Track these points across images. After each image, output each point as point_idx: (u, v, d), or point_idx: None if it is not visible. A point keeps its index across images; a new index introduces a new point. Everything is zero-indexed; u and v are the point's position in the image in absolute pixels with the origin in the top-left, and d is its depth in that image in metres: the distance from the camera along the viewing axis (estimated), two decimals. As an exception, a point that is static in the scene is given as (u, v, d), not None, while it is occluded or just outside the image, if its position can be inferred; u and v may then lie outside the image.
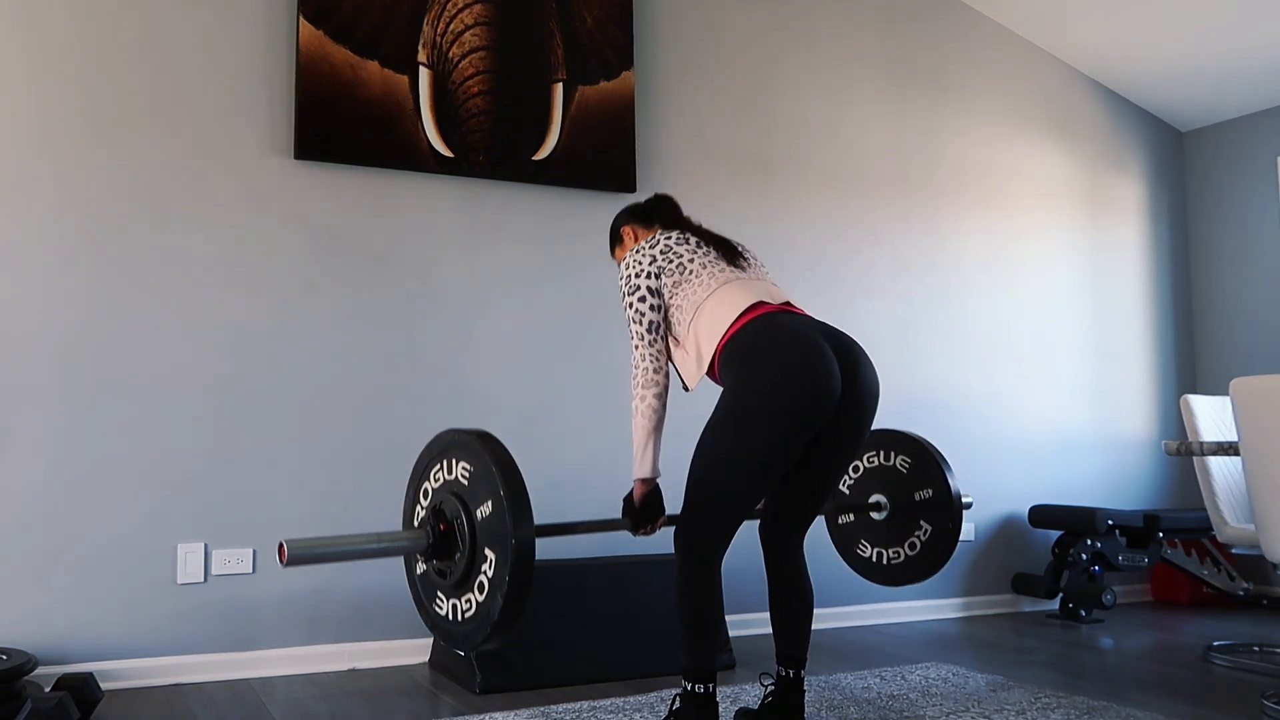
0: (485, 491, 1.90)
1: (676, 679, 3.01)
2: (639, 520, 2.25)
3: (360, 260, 3.30)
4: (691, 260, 2.28)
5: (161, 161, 3.08)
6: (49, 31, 2.98)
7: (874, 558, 2.83)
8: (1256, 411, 2.73)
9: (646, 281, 2.26)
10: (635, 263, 2.29)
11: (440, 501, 2.02)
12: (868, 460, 2.86)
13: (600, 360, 3.62)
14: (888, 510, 2.79)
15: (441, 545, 1.99)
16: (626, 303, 2.27)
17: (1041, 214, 4.58)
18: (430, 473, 2.09)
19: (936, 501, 2.69)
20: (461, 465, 1.98)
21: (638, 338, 2.24)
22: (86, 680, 2.52)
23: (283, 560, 1.82)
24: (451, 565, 1.98)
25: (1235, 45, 4.29)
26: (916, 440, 2.75)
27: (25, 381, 2.89)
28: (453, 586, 1.99)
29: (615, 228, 2.53)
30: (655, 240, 2.32)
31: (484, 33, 3.47)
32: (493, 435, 1.97)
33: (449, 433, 2.03)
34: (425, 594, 2.10)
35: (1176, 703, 2.71)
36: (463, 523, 1.94)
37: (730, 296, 2.20)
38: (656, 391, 2.20)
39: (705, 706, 2.13)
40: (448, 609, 2.02)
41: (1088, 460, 4.58)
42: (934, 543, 2.70)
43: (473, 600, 1.94)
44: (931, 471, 2.70)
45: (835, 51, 4.17)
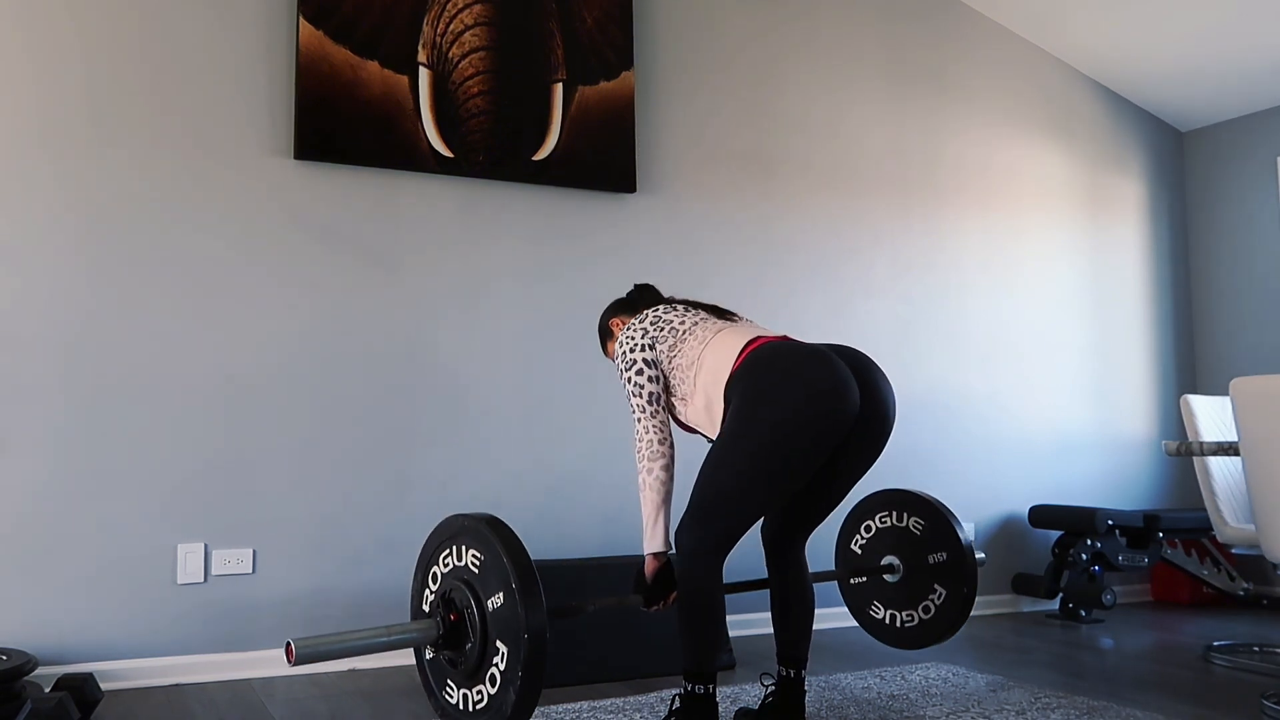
0: (496, 582, 1.89)
1: (676, 679, 3.01)
2: (652, 595, 2.25)
3: (360, 260, 3.30)
4: (683, 323, 2.29)
5: (161, 162, 3.08)
6: (49, 31, 2.98)
7: (887, 620, 2.84)
8: (1256, 411, 2.73)
9: (642, 354, 2.26)
10: (628, 339, 2.30)
11: (449, 589, 2.00)
12: (880, 520, 2.86)
13: (600, 360, 3.62)
14: (901, 573, 2.79)
15: (452, 635, 1.98)
16: (625, 379, 2.27)
17: (1041, 214, 4.58)
18: (439, 558, 2.07)
19: (951, 565, 2.69)
20: (471, 553, 1.97)
21: (639, 410, 2.24)
22: (86, 680, 2.51)
23: (290, 660, 1.80)
24: (462, 655, 1.97)
25: (1235, 45, 4.29)
26: (929, 501, 2.75)
27: (26, 382, 2.89)
28: (464, 676, 1.98)
29: (603, 324, 2.54)
30: (644, 315, 2.34)
31: (484, 33, 3.47)
32: (502, 521, 1.96)
33: (458, 518, 2.02)
34: (435, 681, 2.09)
35: (1176, 703, 2.71)
36: (473, 613, 1.93)
37: (729, 339, 2.21)
38: (663, 464, 2.20)
39: (705, 707, 2.13)
40: (458, 698, 2.01)
41: (1088, 460, 4.58)
42: (948, 607, 2.70)
43: (484, 692, 1.92)
44: (945, 534, 2.70)
45: (835, 51, 4.17)
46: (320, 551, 3.17)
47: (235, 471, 3.09)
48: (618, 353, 2.31)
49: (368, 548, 3.23)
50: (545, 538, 3.47)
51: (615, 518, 3.59)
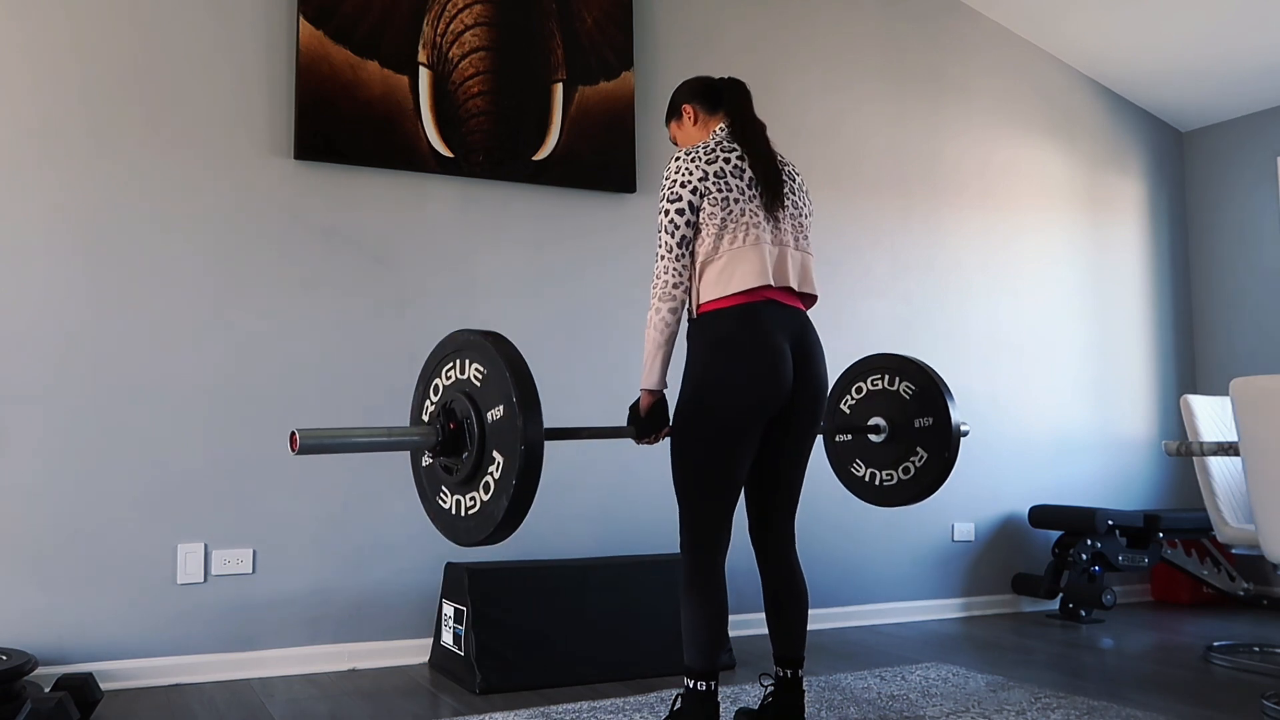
0: (497, 395, 1.92)
1: (676, 679, 3.01)
2: (644, 429, 2.26)
3: (360, 260, 3.30)
4: (738, 200, 2.20)
5: (161, 162, 3.08)
6: (47, 32, 2.98)
7: (867, 477, 2.84)
8: (1256, 411, 2.73)
9: (690, 196, 2.19)
10: (686, 170, 2.20)
11: (450, 400, 2.04)
12: (871, 383, 2.86)
13: (601, 360, 3.62)
14: (886, 433, 2.80)
15: (450, 443, 2.02)
16: (663, 207, 2.20)
17: (1041, 214, 4.58)
18: (442, 370, 2.11)
19: (935, 429, 2.69)
20: (475, 366, 2.00)
21: (665, 248, 2.19)
22: (86, 680, 2.51)
23: (294, 448, 1.84)
24: (458, 463, 2.01)
25: (1235, 45, 4.29)
26: (923, 368, 2.74)
27: (26, 382, 2.89)
28: (458, 483, 2.02)
29: (677, 101, 2.41)
30: (714, 153, 2.23)
31: (484, 33, 3.47)
32: (506, 338, 1.98)
33: (463, 333, 2.05)
34: (430, 486, 2.13)
35: (1176, 703, 2.71)
36: (473, 423, 1.97)
37: (745, 263, 2.19)
38: (672, 306, 2.19)
39: (706, 705, 2.13)
40: (451, 503, 2.05)
41: (1088, 460, 4.58)
42: (928, 469, 2.71)
43: (477, 499, 1.96)
44: (934, 400, 2.70)
45: (835, 52, 4.17)
46: (320, 551, 3.17)
47: (235, 471, 3.09)
48: (669, 174, 2.22)
49: (368, 548, 3.23)
50: (545, 537, 3.47)
51: (614, 517, 3.59)
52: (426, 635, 3.27)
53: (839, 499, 3.91)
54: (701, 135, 2.37)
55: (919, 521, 4.15)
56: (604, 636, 3.06)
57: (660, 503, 3.63)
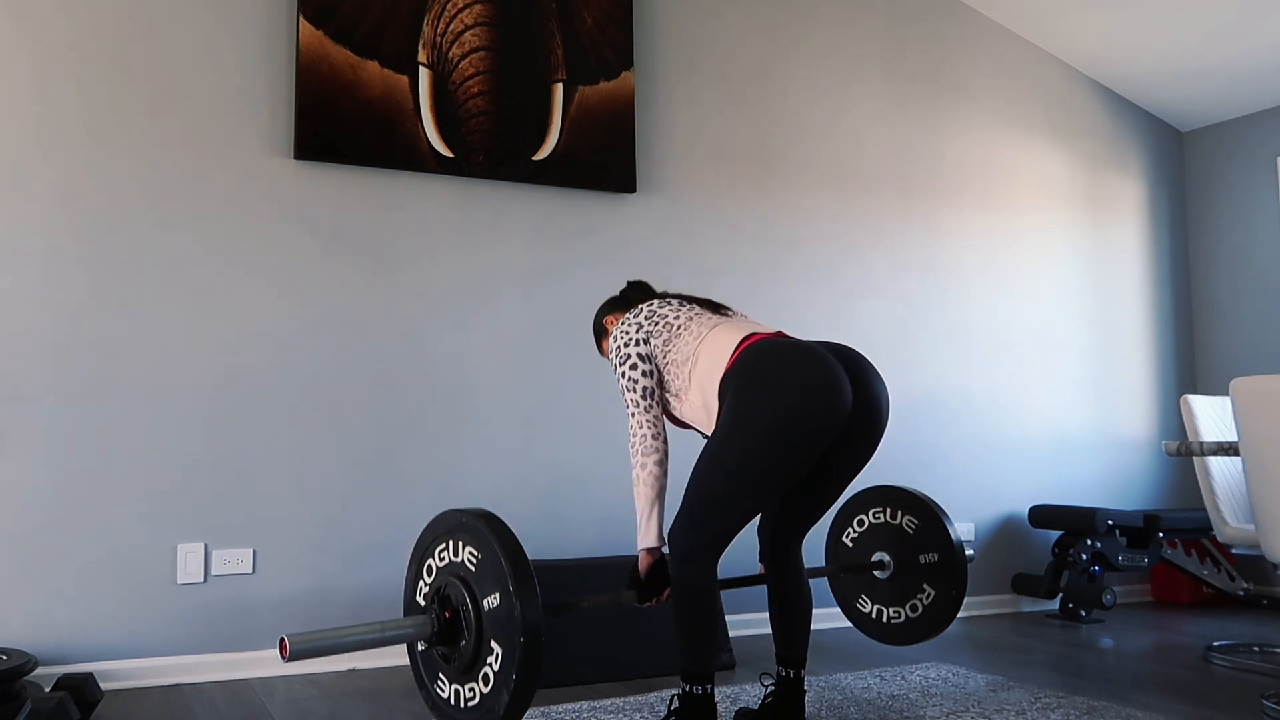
0: (493, 582, 1.89)
1: (676, 679, 3.01)
2: (645, 591, 2.23)
3: (360, 260, 3.30)
4: (677, 318, 2.29)
5: (161, 161, 3.08)
6: (46, 32, 2.98)
7: (874, 614, 2.85)
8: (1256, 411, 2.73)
9: (637, 349, 2.26)
10: (623, 334, 2.29)
11: (445, 585, 2.00)
12: (873, 516, 2.86)
13: (601, 360, 3.62)
14: (891, 570, 2.80)
15: (446, 632, 1.98)
16: (619, 374, 2.27)
17: (1041, 214, 4.58)
18: (435, 551, 2.07)
19: (941, 566, 2.69)
20: (468, 550, 1.96)
21: (634, 405, 2.23)
22: (86, 680, 2.51)
23: (284, 656, 1.80)
24: (456, 652, 1.97)
25: (1235, 45, 4.29)
26: (922, 500, 2.75)
27: (25, 382, 2.89)
28: (457, 673, 1.98)
29: (597, 322, 2.55)
30: (638, 310, 2.34)
31: (484, 33, 3.47)
32: (499, 519, 1.95)
33: (455, 513, 2.02)
34: (427, 674, 2.09)
35: (1176, 703, 2.71)
36: (469, 611, 1.93)
37: (724, 335, 2.21)
38: (657, 459, 2.19)
39: (703, 707, 2.13)
40: (450, 693, 2.00)
41: (1088, 460, 4.58)
42: (936, 607, 2.71)
43: (477, 691, 1.92)
44: (938, 534, 2.71)
45: (835, 51, 4.17)
46: (320, 551, 3.17)
47: (235, 471, 3.09)
48: (612, 348, 2.31)
49: (368, 548, 3.23)
50: (545, 538, 3.47)
51: (614, 517, 3.59)
52: (426, 635, 3.27)
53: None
54: None
55: (919, 521, 4.15)
56: (604, 636, 3.06)
57: (660, 503, 3.63)
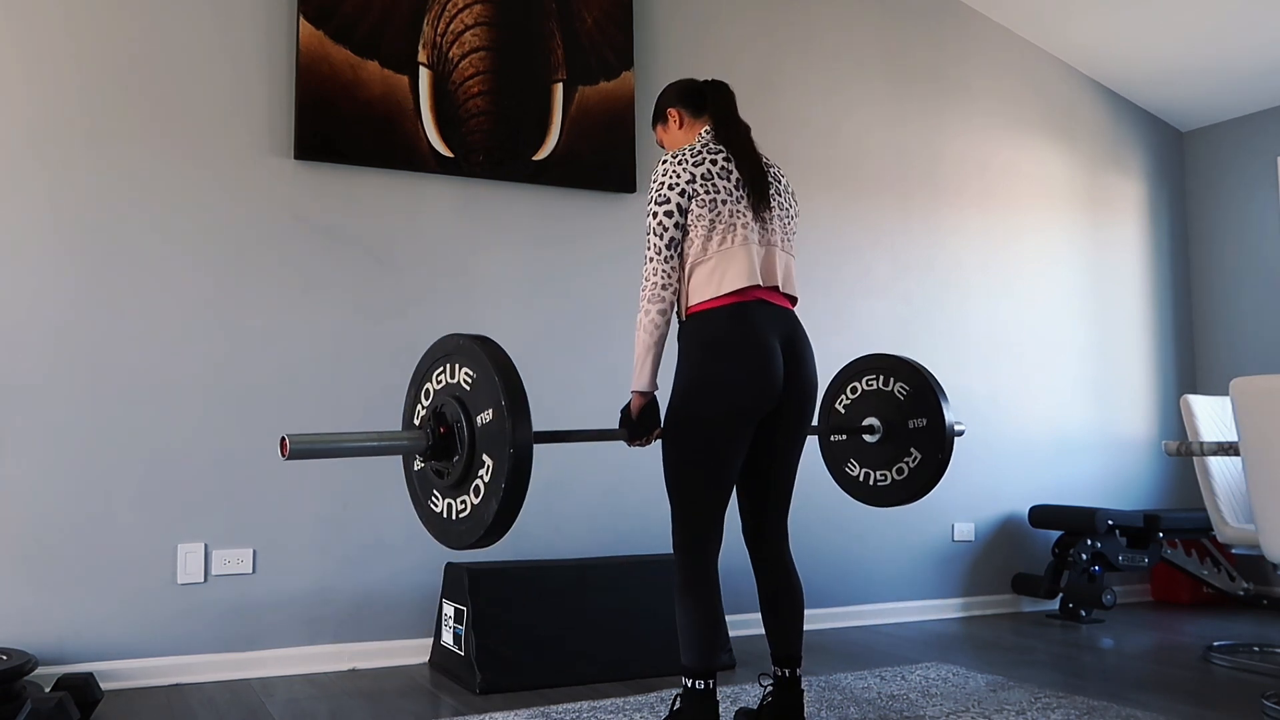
0: (487, 399, 1.93)
1: (676, 679, 3.01)
2: (635, 431, 2.27)
3: (360, 260, 3.30)
4: (725, 202, 2.22)
5: (161, 162, 3.08)
6: (46, 32, 2.98)
7: (861, 477, 2.85)
8: (1256, 411, 2.73)
9: (678, 199, 2.20)
10: (673, 173, 2.22)
11: (441, 404, 2.05)
12: (866, 383, 2.86)
13: (600, 359, 3.62)
14: (880, 434, 2.80)
15: (440, 447, 2.03)
16: (651, 210, 2.22)
17: (1041, 214, 4.58)
18: (432, 375, 2.12)
19: (929, 431, 2.70)
20: (464, 371, 2.01)
21: (654, 250, 2.21)
22: (86, 680, 2.52)
23: (284, 453, 1.84)
24: (449, 466, 2.02)
25: (1235, 45, 4.29)
26: (917, 369, 2.74)
27: (25, 381, 2.89)
28: (449, 487, 2.03)
29: (662, 105, 2.43)
30: (700, 155, 2.24)
31: (484, 33, 3.47)
32: (495, 342, 1.99)
33: (453, 337, 2.06)
34: (421, 490, 2.14)
35: (1176, 703, 2.71)
36: (463, 427, 1.98)
37: (734, 264, 2.20)
38: (661, 308, 2.20)
39: (705, 704, 2.13)
40: (443, 507, 2.06)
41: (1088, 460, 4.58)
42: (921, 470, 2.71)
43: (468, 502, 1.98)
44: (928, 401, 2.71)
45: (835, 52, 4.17)
46: (320, 551, 3.17)
47: (235, 471, 3.09)
48: (657, 177, 2.23)
49: (368, 548, 3.23)
50: (543, 538, 3.47)
51: (614, 517, 3.59)
52: (426, 635, 3.27)
53: (838, 499, 3.91)
54: (687, 138, 2.39)
55: (919, 521, 4.15)
56: (604, 636, 3.06)
57: (659, 502, 3.63)
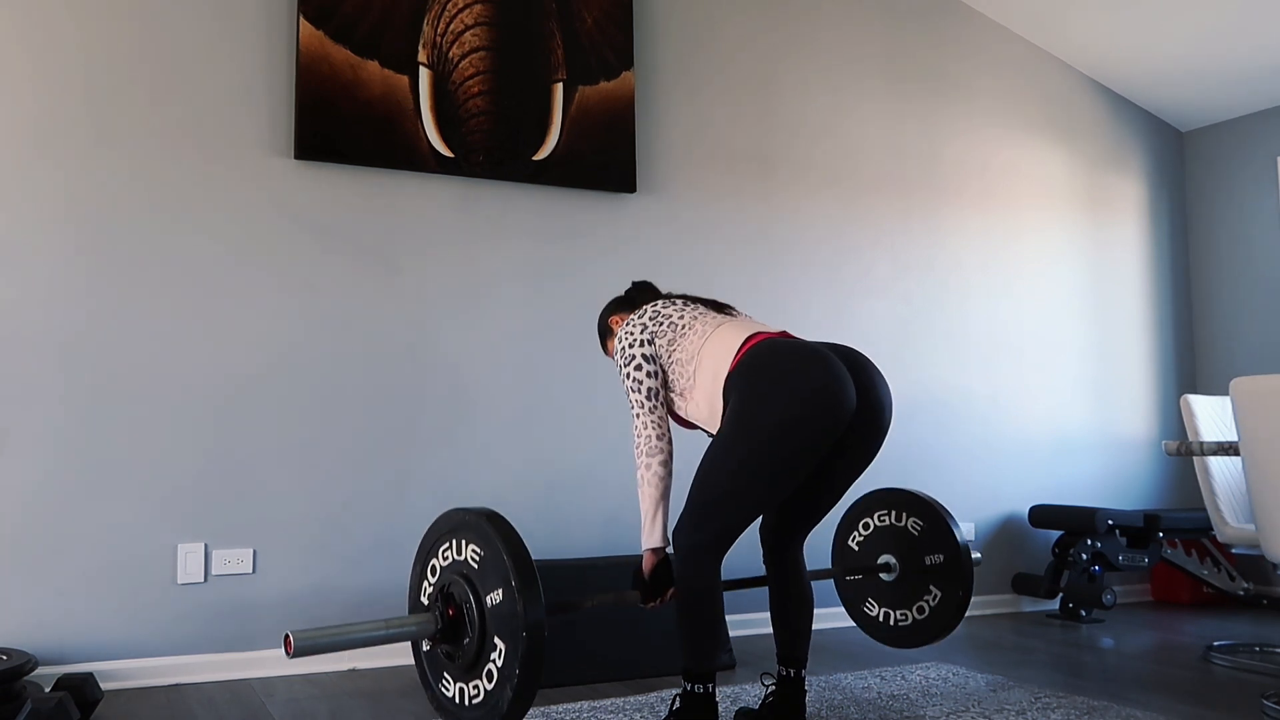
0: (496, 579, 1.90)
1: (676, 679, 3.01)
2: (650, 591, 2.25)
3: (360, 260, 3.30)
4: (681, 317, 2.29)
5: (162, 162, 3.08)
6: (48, 32, 2.98)
7: (880, 618, 2.85)
8: (1256, 411, 2.73)
9: (641, 350, 2.26)
10: (627, 334, 2.30)
11: (448, 584, 2.01)
12: (879, 519, 2.86)
13: (601, 359, 3.62)
14: (897, 572, 2.80)
15: (450, 630, 1.99)
16: (624, 374, 2.27)
17: (1041, 214, 4.58)
18: (438, 551, 2.08)
19: (947, 567, 2.70)
20: (471, 548, 1.98)
21: (638, 406, 2.24)
22: (86, 680, 2.51)
23: (289, 652, 1.80)
24: (460, 650, 1.98)
25: (1235, 45, 4.29)
26: (928, 502, 2.76)
27: (26, 381, 2.89)
28: (461, 671, 1.99)
29: (602, 322, 2.55)
30: (643, 310, 2.34)
31: (484, 33, 3.47)
32: (502, 517, 1.96)
33: (458, 512, 2.03)
34: (432, 673, 2.10)
35: (1176, 703, 2.71)
36: (472, 609, 1.94)
37: (729, 334, 2.21)
38: (661, 459, 2.20)
39: (705, 706, 2.13)
40: (454, 692, 2.02)
41: (1088, 460, 4.58)
42: (943, 609, 2.71)
43: (481, 688, 1.93)
44: (943, 536, 2.71)
45: (835, 51, 4.17)
46: (320, 551, 3.17)
47: (235, 471, 3.09)
48: (617, 349, 2.31)
49: (368, 548, 3.23)
50: (545, 537, 3.47)
51: (615, 517, 3.59)
52: (426, 635, 3.27)
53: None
54: None
55: (919, 521, 4.15)
56: (604, 636, 3.06)
57: (660, 503, 3.63)
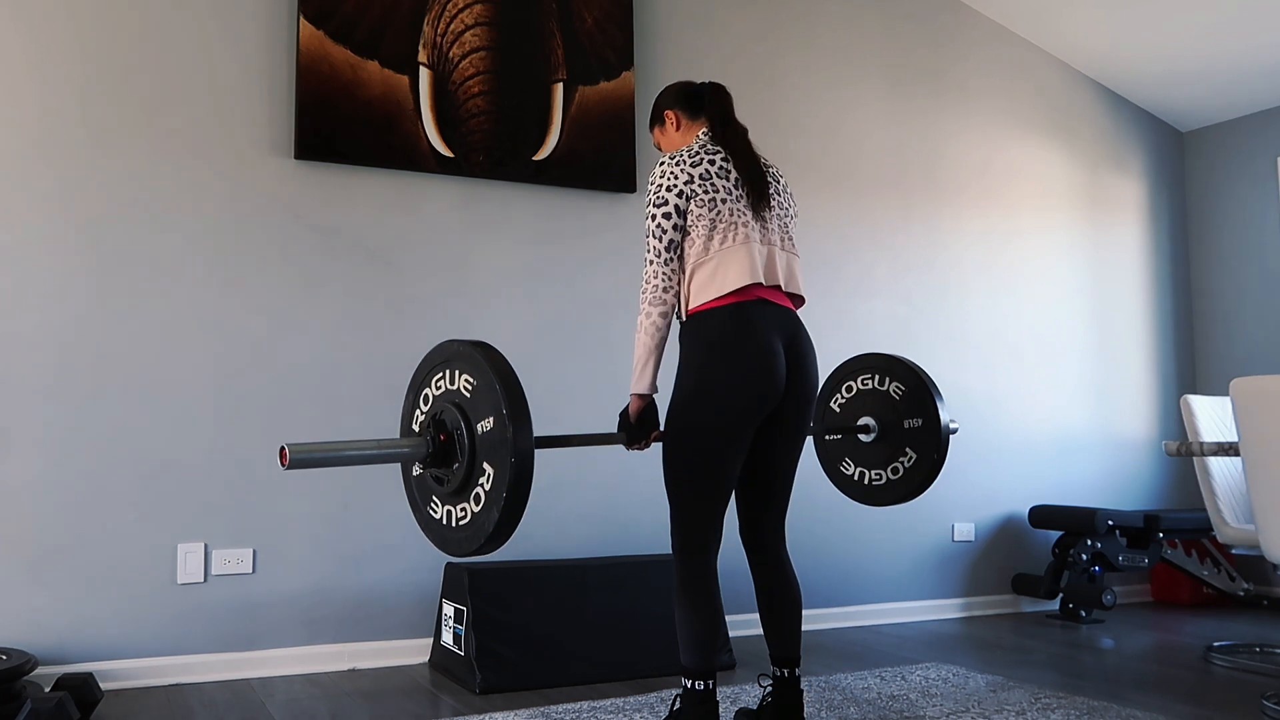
0: (487, 406, 1.92)
1: (676, 679, 3.01)
2: (634, 435, 2.27)
3: (360, 260, 3.30)
4: (725, 200, 2.22)
5: (162, 162, 3.08)
6: (48, 33, 2.98)
7: (856, 476, 2.85)
8: (1256, 411, 2.73)
9: (676, 200, 2.21)
10: (671, 174, 2.22)
11: (440, 411, 2.04)
12: (861, 382, 2.86)
13: (601, 360, 3.62)
14: (875, 433, 2.80)
15: (440, 454, 2.02)
16: (650, 213, 2.22)
17: (1041, 214, 4.58)
18: (431, 380, 2.11)
19: (925, 431, 2.70)
20: (464, 377, 2.00)
21: (653, 253, 2.21)
22: (86, 680, 2.52)
23: (284, 463, 1.83)
24: (449, 474, 2.01)
25: (1235, 45, 4.29)
26: (912, 369, 2.74)
27: (26, 381, 2.89)
28: (449, 494, 2.02)
29: (660, 106, 2.43)
30: (698, 156, 2.24)
31: (484, 33, 3.47)
32: (494, 348, 1.98)
33: (452, 343, 2.05)
34: (421, 496, 2.13)
35: (1176, 703, 2.71)
36: (463, 435, 1.97)
37: (735, 263, 2.20)
38: (663, 310, 2.20)
39: (705, 705, 2.13)
40: (442, 513, 2.06)
41: (1088, 460, 4.58)
42: (916, 469, 2.71)
43: (468, 510, 1.97)
44: (924, 401, 2.71)
45: (835, 52, 4.17)
46: (320, 551, 3.17)
47: (235, 471, 3.09)
48: (655, 180, 2.23)
49: (368, 548, 3.23)
50: (545, 537, 3.47)
51: (614, 517, 3.59)
52: (426, 635, 3.27)
53: (838, 499, 3.91)
54: (685, 140, 2.39)
55: (919, 521, 4.15)
56: (604, 636, 3.06)
57: (659, 502, 3.63)
